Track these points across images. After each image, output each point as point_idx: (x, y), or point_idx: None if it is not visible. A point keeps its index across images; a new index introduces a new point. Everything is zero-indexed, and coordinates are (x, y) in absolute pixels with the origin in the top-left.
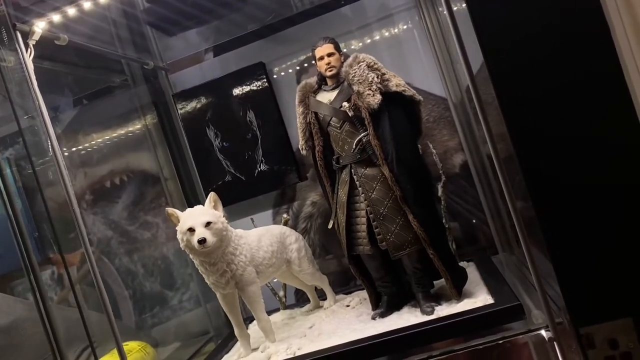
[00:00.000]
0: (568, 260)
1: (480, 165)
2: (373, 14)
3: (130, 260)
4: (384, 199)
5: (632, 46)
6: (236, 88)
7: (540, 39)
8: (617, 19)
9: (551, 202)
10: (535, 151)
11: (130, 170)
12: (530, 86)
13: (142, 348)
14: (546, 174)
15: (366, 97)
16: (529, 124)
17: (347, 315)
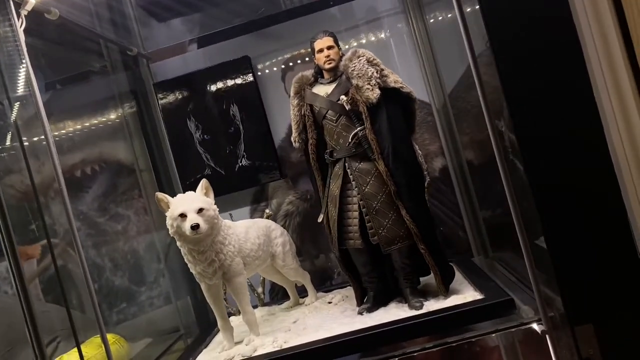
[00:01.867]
0: (568, 262)
1: (460, 170)
2: (361, 16)
3: (98, 254)
4: (377, 193)
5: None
6: (220, 81)
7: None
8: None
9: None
10: (539, 151)
11: (103, 160)
12: (538, 91)
13: (116, 341)
14: (549, 174)
15: (365, 91)
16: (534, 123)
17: (330, 311)
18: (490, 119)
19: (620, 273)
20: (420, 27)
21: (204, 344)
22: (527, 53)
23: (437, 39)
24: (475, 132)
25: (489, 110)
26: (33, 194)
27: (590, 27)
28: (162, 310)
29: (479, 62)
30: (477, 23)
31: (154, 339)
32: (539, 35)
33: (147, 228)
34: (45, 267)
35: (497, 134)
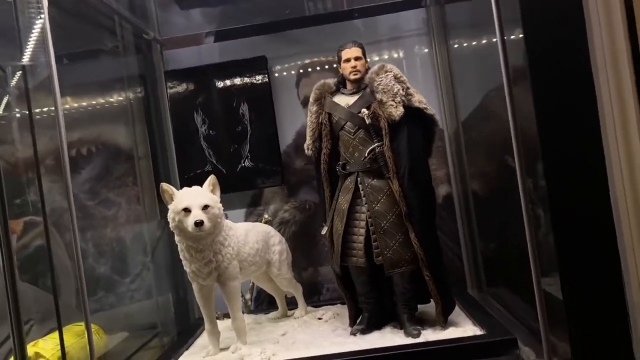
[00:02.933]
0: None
1: (464, 199)
2: (384, 32)
3: (83, 238)
4: (387, 212)
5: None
6: (234, 77)
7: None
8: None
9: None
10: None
11: (101, 142)
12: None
13: (95, 331)
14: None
15: (388, 107)
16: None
17: (320, 328)
18: (519, 158)
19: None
20: (442, 51)
21: (185, 345)
22: (564, 83)
23: (458, 66)
24: (485, 163)
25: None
26: (22, 167)
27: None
28: (142, 305)
29: (496, 94)
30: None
31: (130, 333)
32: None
33: (137, 218)
34: (25, 244)
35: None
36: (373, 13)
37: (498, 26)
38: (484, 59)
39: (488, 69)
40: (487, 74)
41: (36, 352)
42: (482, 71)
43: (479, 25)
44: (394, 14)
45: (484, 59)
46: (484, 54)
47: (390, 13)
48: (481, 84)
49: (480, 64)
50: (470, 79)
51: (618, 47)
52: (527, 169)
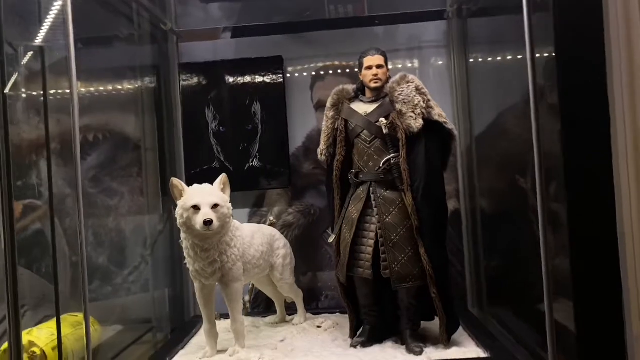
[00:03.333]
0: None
1: (472, 216)
2: (403, 41)
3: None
4: (398, 225)
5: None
6: (248, 75)
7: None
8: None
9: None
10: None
11: (108, 130)
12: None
13: (91, 323)
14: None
15: (408, 118)
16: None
17: (320, 337)
18: (541, 180)
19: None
20: (460, 65)
21: (180, 344)
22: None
23: (475, 81)
24: (495, 181)
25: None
26: (26, 149)
27: None
28: (137, 298)
29: (512, 113)
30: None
31: (124, 326)
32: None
33: (139, 210)
34: (23, 227)
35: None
36: (394, 21)
37: (529, 45)
38: (503, 76)
39: (506, 86)
40: (505, 91)
41: (30, 340)
42: (499, 88)
43: (501, 42)
44: (415, 24)
45: (503, 76)
46: (503, 71)
47: (412, 23)
48: (498, 101)
49: (499, 81)
50: (487, 96)
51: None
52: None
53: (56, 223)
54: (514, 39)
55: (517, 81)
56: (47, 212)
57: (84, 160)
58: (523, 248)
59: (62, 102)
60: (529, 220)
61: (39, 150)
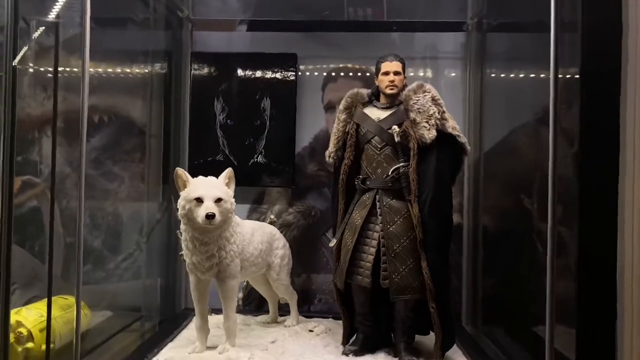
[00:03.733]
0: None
1: (473, 233)
2: (420, 50)
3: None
4: (401, 236)
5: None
6: (261, 70)
7: None
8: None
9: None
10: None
11: (114, 113)
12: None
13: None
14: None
15: (421, 128)
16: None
17: (312, 341)
18: (553, 203)
19: None
20: (476, 79)
21: (169, 336)
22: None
23: (489, 96)
24: (500, 200)
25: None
26: (29, 124)
27: None
28: (128, 285)
29: (523, 132)
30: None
31: (113, 313)
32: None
33: (138, 196)
34: (19, 203)
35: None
36: (412, 29)
37: (553, 65)
38: (517, 94)
39: (519, 104)
40: (518, 109)
41: (18, 320)
42: (512, 106)
43: (518, 59)
44: (433, 33)
45: (517, 94)
46: (518, 89)
47: (430, 32)
48: (510, 119)
49: (512, 98)
50: (499, 112)
51: None
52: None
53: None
54: (532, 58)
55: (531, 100)
56: (44, 190)
57: (87, 140)
58: (522, 269)
59: (69, 80)
60: (531, 242)
61: (42, 126)
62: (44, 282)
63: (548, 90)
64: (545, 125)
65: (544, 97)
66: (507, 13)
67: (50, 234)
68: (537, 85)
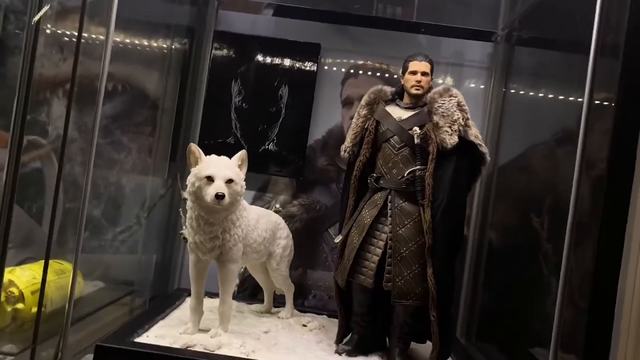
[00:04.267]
0: None
1: (478, 246)
2: (446, 55)
3: (83, 173)
4: (410, 240)
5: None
6: (283, 57)
7: None
8: None
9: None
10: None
11: (129, 83)
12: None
13: None
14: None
15: (443, 132)
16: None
17: (304, 336)
18: (572, 227)
19: None
20: (499, 91)
21: (161, 314)
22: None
23: (510, 110)
24: (509, 216)
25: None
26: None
27: None
28: (124, 258)
29: (539, 150)
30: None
31: (105, 284)
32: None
33: (144, 170)
34: (23, 162)
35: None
36: (440, 33)
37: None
38: (539, 112)
39: (540, 123)
40: (537, 127)
41: (11, 280)
42: (533, 123)
43: (545, 77)
44: (461, 40)
45: (539, 112)
46: (541, 107)
47: (458, 38)
48: (528, 136)
49: (534, 115)
50: (518, 128)
51: None
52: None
53: (55, 165)
54: (559, 77)
55: (552, 119)
56: (49, 152)
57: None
58: (524, 289)
59: (87, 44)
60: (536, 262)
61: (54, 88)
62: (39, 244)
63: (570, 111)
64: (563, 146)
65: (565, 118)
66: (540, 28)
67: (54, 198)
68: (560, 105)
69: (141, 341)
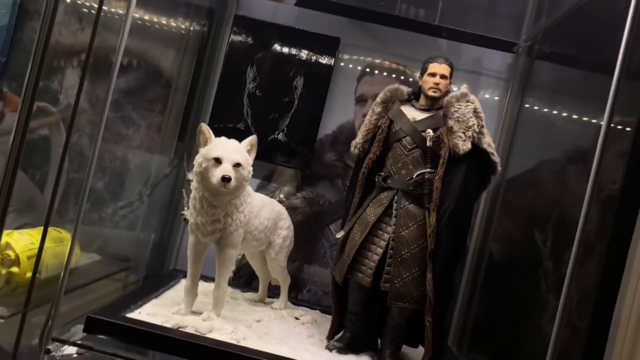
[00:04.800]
0: None
1: (478, 256)
2: (465, 62)
3: (89, 145)
4: (412, 242)
5: None
6: (301, 48)
7: None
8: None
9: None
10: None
11: (144, 59)
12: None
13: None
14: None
15: (456, 138)
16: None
17: (296, 328)
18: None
19: None
20: (515, 103)
21: (155, 293)
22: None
23: (523, 124)
24: (512, 229)
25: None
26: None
27: None
28: (122, 234)
29: (549, 167)
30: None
31: (101, 257)
32: None
33: (151, 147)
34: (31, 129)
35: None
36: (461, 39)
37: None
38: (552, 128)
39: (552, 139)
40: (549, 144)
41: (8, 242)
42: (546, 140)
43: (563, 94)
44: (481, 48)
45: (552, 128)
46: (554, 124)
47: (479, 46)
48: (539, 152)
49: (548, 132)
50: (530, 142)
51: None
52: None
53: (62, 134)
54: (578, 95)
55: (565, 137)
56: (58, 120)
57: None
58: (521, 304)
59: (107, 17)
60: (536, 278)
61: (69, 57)
62: (39, 211)
63: (585, 131)
64: (573, 165)
65: (579, 137)
66: (564, 44)
67: (60, 166)
68: (575, 124)
69: (133, 317)
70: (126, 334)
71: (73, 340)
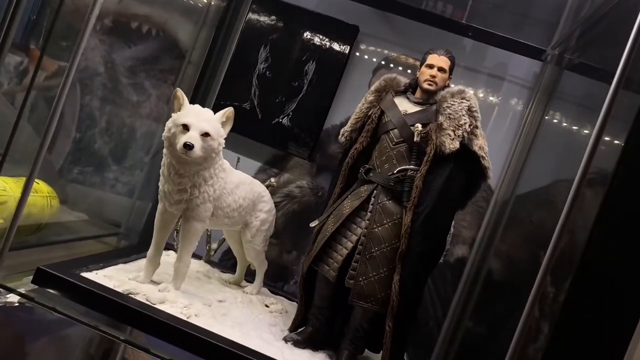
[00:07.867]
0: None
1: (475, 272)
2: (489, 65)
3: (100, 108)
4: (384, 241)
5: None
6: (318, 33)
7: None
8: None
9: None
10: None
11: (163, 29)
12: None
13: (49, 196)
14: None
15: (444, 135)
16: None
17: (261, 315)
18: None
19: None
20: (537, 113)
21: (124, 258)
22: None
23: (543, 137)
24: (516, 247)
25: None
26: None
27: None
28: (117, 199)
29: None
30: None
31: (90, 218)
32: None
33: (158, 116)
34: (47, 86)
35: None
36: (488, 41)
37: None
38: (573, 146)
39: (571, 157)
40: (568, 162)
41: None
42: (563, 156)
43: (590, 110)
44: (507, 53)
45: (573, 146)
46: (576, 141)
47: (505, 50)
48: (555, 169)
49: (568, 148)
50: (547, 157)
51: None
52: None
53: (77, 96)
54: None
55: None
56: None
57: (128, 47)
58: (512, 329)
59: None
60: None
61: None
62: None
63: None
64: (591, 188)
65: (601, 158)
66: (596, 56)
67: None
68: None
69: (86, 276)
70: (73, 292)
71: (19, 290)
